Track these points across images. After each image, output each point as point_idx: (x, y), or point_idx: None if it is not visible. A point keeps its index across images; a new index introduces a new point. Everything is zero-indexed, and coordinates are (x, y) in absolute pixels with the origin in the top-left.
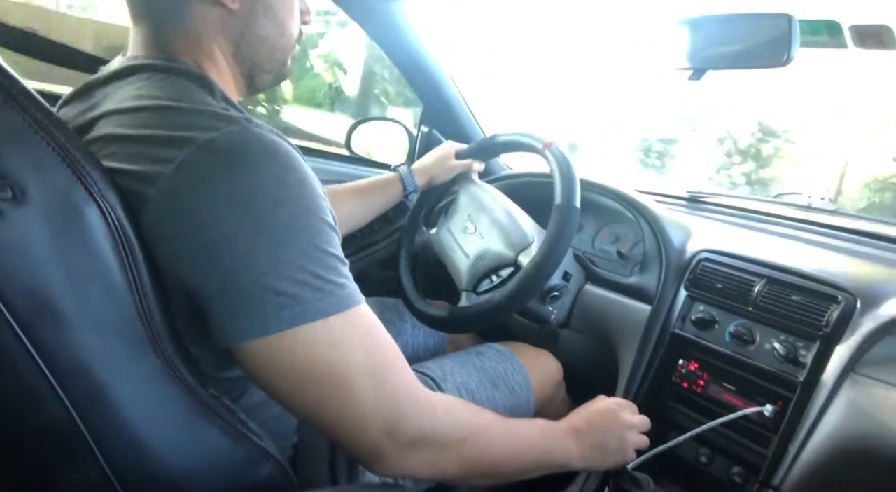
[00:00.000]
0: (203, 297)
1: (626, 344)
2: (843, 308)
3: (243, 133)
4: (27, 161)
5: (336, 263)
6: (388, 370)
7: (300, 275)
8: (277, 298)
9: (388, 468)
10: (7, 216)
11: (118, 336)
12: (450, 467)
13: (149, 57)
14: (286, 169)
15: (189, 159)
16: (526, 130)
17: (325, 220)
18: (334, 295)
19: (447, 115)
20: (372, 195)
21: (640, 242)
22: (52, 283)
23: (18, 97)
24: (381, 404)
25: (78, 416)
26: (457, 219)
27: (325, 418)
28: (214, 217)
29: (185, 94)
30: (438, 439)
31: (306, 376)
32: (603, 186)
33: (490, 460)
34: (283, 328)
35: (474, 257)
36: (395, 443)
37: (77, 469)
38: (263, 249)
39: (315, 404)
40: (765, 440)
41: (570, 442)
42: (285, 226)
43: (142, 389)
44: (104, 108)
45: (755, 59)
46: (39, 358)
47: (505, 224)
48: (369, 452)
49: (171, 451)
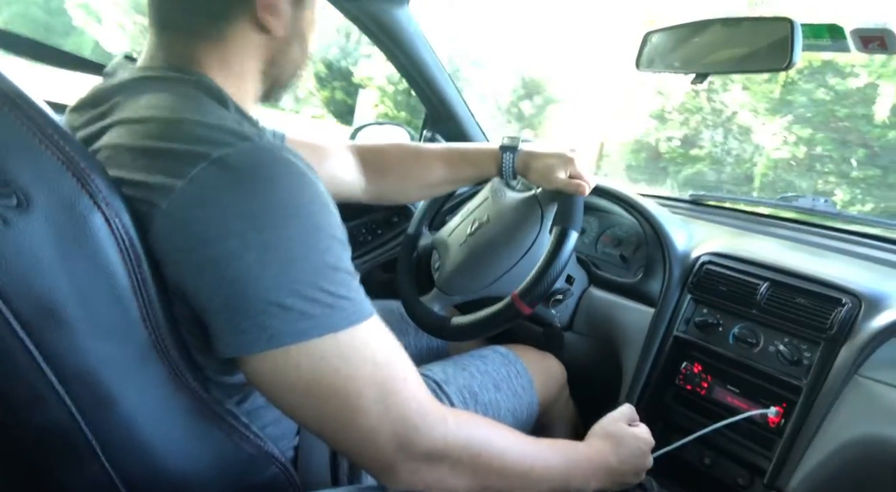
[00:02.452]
0: (209, 311)
1: (629, 347)
2: (847, 311)
3: (256, 150)
4: (32, 169)
5: (346, 277)
6: (399, 383)
7: (309, 291)
8: (285, 313)
9: (400, 482)
10: (12, 223)
11: (123, 342)
12: (461, 482)
13: (165, 67)
14: (298, 187)
15: (201, 175)
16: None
17: (335, 236)
18: (344, 310)
19: (450, 119)
20: (463, 168)
21: (643, 245)
22: (57, 289)
23: (23, 106)
24: (391, 417)
25: (83, 420)
26: (465, 223)
27: (335, 431)
28: (224, 233)
29: (199, 107)
30: (451, 454)
31: (314, 391)
32: (606, 189)
33: (504, 477)
34: (289, 343)
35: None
36: (406, 457)
37: (81, 472)
38: (272, 267)
39: (324, 417)
40: (769, 443)
41: (591, 476)
42: (295, 244)
43: (146, 393)
44: (116, 117)
45: (757, 63)
46: (44, 363)
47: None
48: (381, 465)
49: (175, 454)
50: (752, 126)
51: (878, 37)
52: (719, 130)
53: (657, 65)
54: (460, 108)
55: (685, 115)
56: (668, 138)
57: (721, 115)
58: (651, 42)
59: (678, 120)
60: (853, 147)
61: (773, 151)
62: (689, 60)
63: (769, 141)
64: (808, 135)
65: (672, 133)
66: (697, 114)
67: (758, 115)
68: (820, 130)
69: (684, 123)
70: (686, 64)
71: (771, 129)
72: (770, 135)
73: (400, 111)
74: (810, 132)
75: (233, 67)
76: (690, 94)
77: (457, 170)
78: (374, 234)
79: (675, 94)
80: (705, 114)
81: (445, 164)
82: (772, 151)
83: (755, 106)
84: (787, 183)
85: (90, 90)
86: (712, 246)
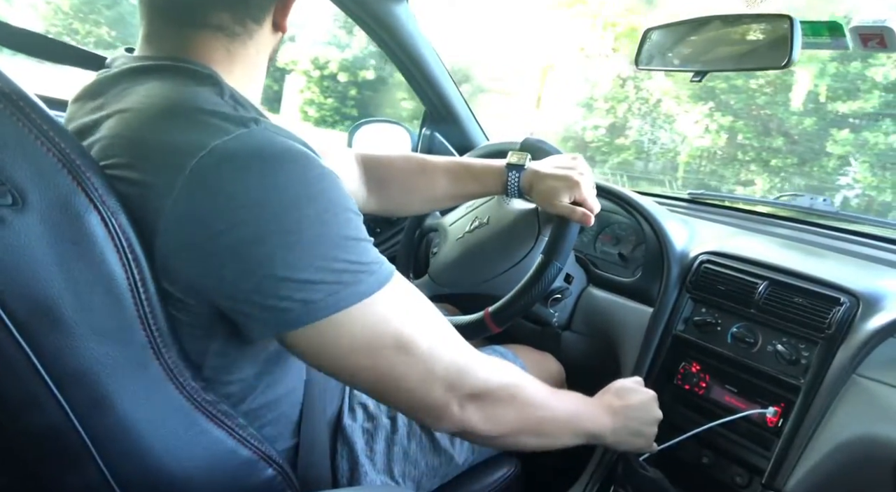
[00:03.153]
0: (238, 298)
1: (627, 346)
2: (845, 310)
3: (255, 136)
4: (28, 167)
5: (366, 245)
6: (442, 328)
7: (336, 264)
8: (321, 286)
9: (451, 423)
10: (7, 222)
11: (119, 342)
12: (505, 420)
13: (163, 58)
14: (304, 168)
15: (201, 164)
16: None
17: (349, 208)
18: (373, 274)
19: (449, 118)
20: (467, 184)
21: (642, 244)
22: (53, 289)
23: (19, 103)
24: (441, 360)
25: (78, 421)
26: (466, 218)
27: (390, 385)
28: (238, 221)
29: (195, 95)
30: (494, 393)
31: (366, 352)
32: (604, 188)
33: (537, 417)
34: (331, 313)
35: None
36: (456, 397)
37: (77, 473)
38: (295, 249)
39: (380, 374)
40: (767, 443)
41: (605, 416)
42: (313, 222)
43: (143, 394)
44: (113, 108)
45: (756, 61)
46: (39, 364)
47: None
48: (433, 410)
49: (172, 456)
50: (675, 114)
51: (878, 34)
52: (647, 119)
53: (656, 62)
54: (460, 106)
55: (611, 104)
56: (594, 127)
57: (647, 103)
58: (650, 39)
59: (605, 108)
60: (773, 135)
61: (696, 139)
62: (688, 58)
63: (691, 129)
64: (729, 123)
65: (598, 122)
66: (624, 102)
67: (681, 102)
68: (741, 117)
69: (610, 111)
70: (685, 61)
71: (693, 116)
72: (692, 123)
73: (327, 97)
74: (731, 120)
75: (245, 62)
76: (618, 82)
77: (461, 185)
78: (373, 232)
79: (603, 82)
80: (631, 102)
81: (450, 178)
82: (694, 140)
83: (678, 93)
84: (710, 172)
85: (91, 81)
86: (711, 245)
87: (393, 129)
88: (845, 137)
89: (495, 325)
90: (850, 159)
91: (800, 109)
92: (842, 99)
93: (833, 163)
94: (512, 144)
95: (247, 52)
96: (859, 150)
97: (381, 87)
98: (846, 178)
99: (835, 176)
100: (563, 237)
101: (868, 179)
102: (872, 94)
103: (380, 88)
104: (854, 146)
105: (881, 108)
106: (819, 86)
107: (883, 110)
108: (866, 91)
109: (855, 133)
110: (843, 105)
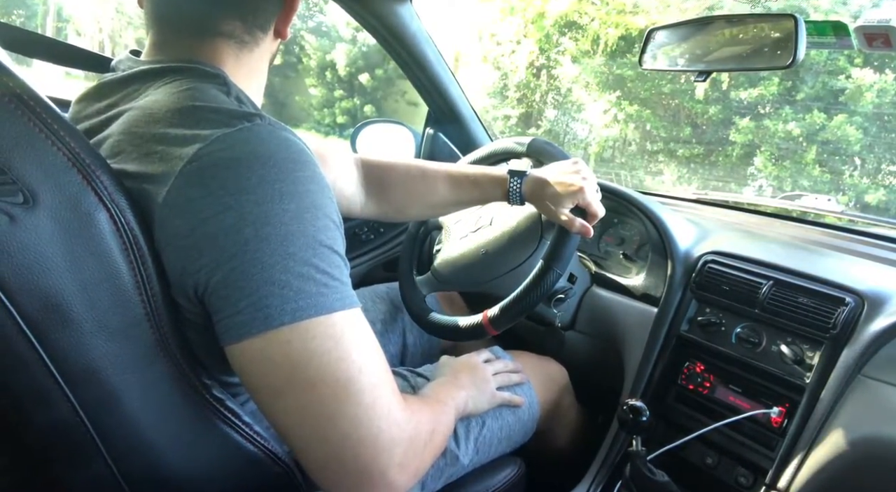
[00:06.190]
0: (210, 290)
1: (631, 346)
2: (850, 310)
3: (255, 129)
4: (38, 166)
5: (339, 261)
6: (384, 374)
7: (304, 269)
8: (281, 291)
9: (393, 484)
10: (18, 220)
11: (127, 340)
12: (425, 465)
13: (175, 60)
14: (297, 164)
15: (199, 154)
16: None
17: (330, 217)
18: (338, 292)
19: (453, 118)
20: (468, 191)
21: (646, 244)
22: (63, 286)
23: (30, 102)
24: (376, 405)
25: (86, 417)
26: (471, 218)
27: (316, 425)
28: (221, 208)
29: (202, 93)
30: (419, 439)
31: (302, 373)
32: (608, 189)
33: (442, 439)
34: (286, 322)
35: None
36: (392, 454)
37: (85, 470)
38: (269, 241)
39: (308, 408)
40: (771, 443)
41: (456, 390)
42: (292, 218)
43: (150, 392)
44: (121, 108)
45: (761, 61)
46: (49, 360)
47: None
48: (359, 473)
49: (178, 453)
50: (585, 103)
51: (883, 34)
52: (560, 109)
53: (661, 62)
54: (464, 107)
55: (523, 92)
56: (505, 117)
57: (560, 92)
58: (655, 39)
59: (516, 97)
60: (682, 125)
61: (604, 128)
62: (693, 58)
63: (599, 119)
64: (636, 111)
65: (510, 112)
66: (537, 91)
67: (590, 90)
68: (649, 106)
69: (522, 100)
70: (689, 61)
71: (601, 105)
72: (601, 112)
73: None
74: (637, 108)
75: (250, 67)
76: (531, 71)
77: (461, 192)
78: (376, 232)
79: (517, 71)
80: (544, 92)
81: (450, 185)
82: (602, 129)
83: (587, 81)
84: (621, 163)
85: (96, 83)
86: (715, 245)
87: (397, 129)
88: (746, 125)
89: (493, 329)
90: (752, 148)
91: (704, 98)
92: (743, 86)
93: (737, 151)
94: (519, 143)
95: (252, 57)
96: (761, 138)
97: (291, 74)
98: (751, 167)
99: (740, 166)
100: (563, 244)
101: (769, 168)
102: (772, 81)
103: (290, 75)
104: (755, 134)
105: (781, 94)
106: (721, 73)
107: (783, 97)
108: (766, 78)
109: (756, 121)
110: (745, 92)
